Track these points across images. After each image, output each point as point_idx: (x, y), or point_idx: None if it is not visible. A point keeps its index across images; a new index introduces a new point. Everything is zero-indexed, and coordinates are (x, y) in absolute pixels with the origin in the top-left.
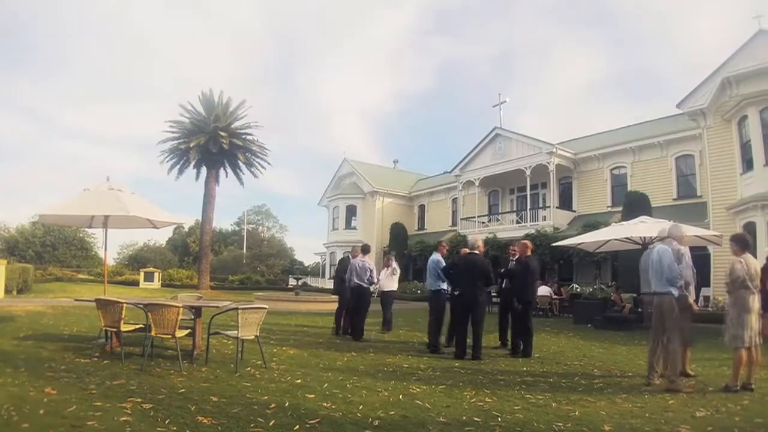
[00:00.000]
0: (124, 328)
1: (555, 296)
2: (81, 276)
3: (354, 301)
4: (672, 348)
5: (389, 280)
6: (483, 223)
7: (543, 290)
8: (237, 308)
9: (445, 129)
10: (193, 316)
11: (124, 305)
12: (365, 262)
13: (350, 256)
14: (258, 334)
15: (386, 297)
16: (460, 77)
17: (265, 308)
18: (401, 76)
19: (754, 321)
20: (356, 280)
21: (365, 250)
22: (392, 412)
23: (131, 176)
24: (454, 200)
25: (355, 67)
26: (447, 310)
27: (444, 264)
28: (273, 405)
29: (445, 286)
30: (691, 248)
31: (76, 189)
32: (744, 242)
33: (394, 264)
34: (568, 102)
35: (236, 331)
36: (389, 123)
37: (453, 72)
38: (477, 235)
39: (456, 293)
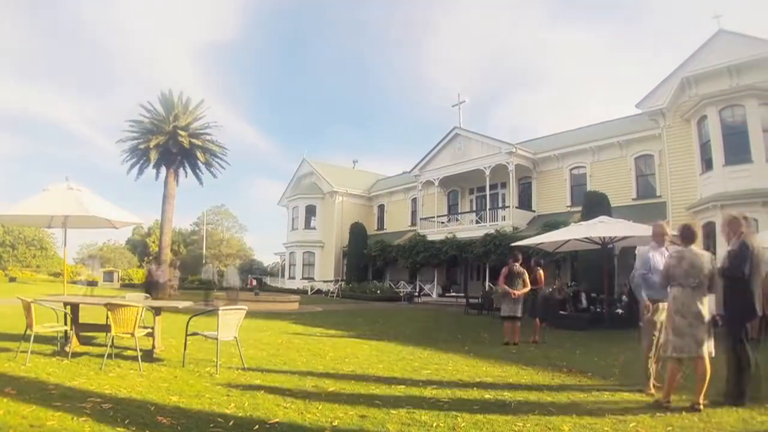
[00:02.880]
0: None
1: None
2: (40, 276)
3: None
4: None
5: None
6: (442, 223)
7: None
8: (217, 309)
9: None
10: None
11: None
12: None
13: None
14: (237, 335)
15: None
16: None
17: (245, 309)
18: None
19: None
20: None
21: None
22: (351, 413)
23: None
24: (414, 200)
25: None
26: None
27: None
28: (232, 405)
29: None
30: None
31: None
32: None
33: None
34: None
35: (216, 332)
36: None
37: None
38: None
39: None
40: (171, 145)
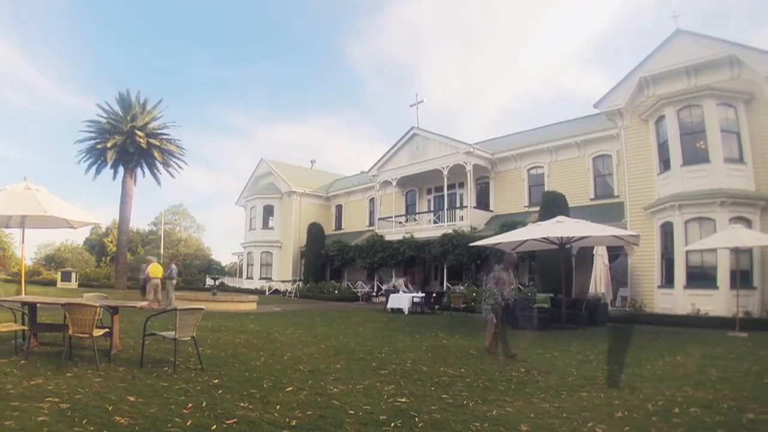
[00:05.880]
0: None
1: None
2: None
3: None
4: None
5: None
6: (400, 223)
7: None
8: (176, 309)
9: None
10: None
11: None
12: None
13: None
14: (195, 335)
15: None
16: None
17: (202, 309)
18: None
19: None
20: None
21: None
22: (309, 412)
23: None
24: (372, 200)
25: None
26: None
27: None
28: (190, 405)
29: None
30: (609, 248)
31: None
32: None
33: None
34: None
35: (173, 332)
36: None
37: None
38: None
39: None
40: (128, 145)
